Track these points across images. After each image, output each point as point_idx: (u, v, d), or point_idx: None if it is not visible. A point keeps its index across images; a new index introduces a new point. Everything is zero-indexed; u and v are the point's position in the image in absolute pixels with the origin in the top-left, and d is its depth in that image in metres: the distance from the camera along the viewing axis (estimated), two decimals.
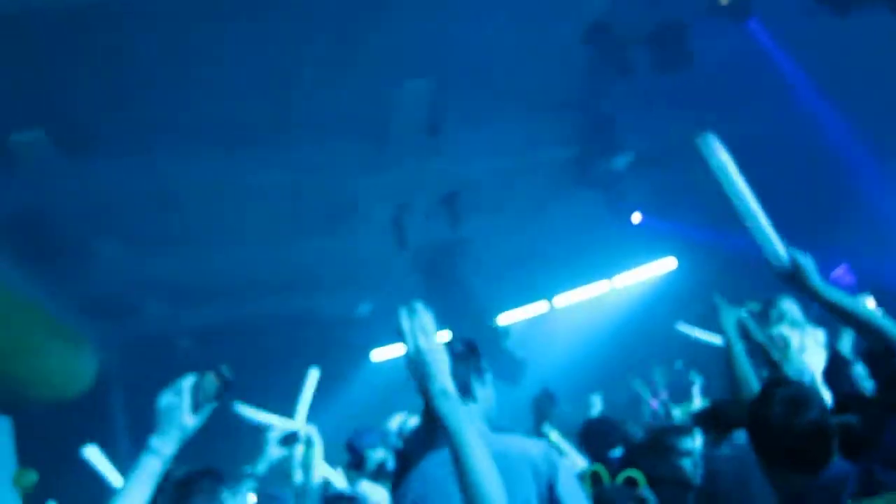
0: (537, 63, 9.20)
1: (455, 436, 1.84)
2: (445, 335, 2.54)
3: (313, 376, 3.76)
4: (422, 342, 1.96)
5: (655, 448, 3.98)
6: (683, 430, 4.11)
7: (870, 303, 4.61)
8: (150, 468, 1.98)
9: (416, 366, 1.96)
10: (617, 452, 4.43)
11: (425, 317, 1.99)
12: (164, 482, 2.60)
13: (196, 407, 2.06)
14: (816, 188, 10.65)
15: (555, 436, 5.35)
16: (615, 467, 3.94)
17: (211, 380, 2.10)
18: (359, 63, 8.30)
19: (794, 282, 2.59)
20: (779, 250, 2.60)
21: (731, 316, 3.39)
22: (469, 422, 1.87)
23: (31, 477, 10.63)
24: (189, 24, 7.12)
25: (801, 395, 2.47)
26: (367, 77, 8.53)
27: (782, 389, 2.50)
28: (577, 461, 4.71)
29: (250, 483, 3.55)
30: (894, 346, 2.54)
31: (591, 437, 4.78)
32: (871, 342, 2.69)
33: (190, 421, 2.04)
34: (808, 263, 2.61)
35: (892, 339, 2.57)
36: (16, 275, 9.23)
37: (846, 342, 4.31)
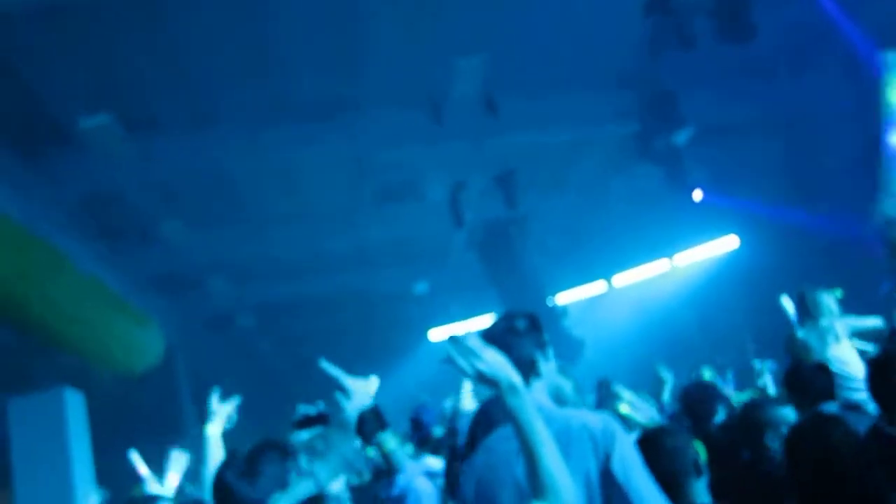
0: (596, 36, 9.05)
1: (525, 428, 1.93)
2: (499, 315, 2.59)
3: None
4: (478, 365, 1.99)
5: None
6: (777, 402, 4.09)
7: None
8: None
9: (482, 382, 2.02)
10: (720, 417, 4.43)
11: (471, 340, 2.01)
12: (231, 457, 2.65)
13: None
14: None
15: (625, 407, 5.28)
16: (715, 434, 4.05)
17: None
18: (418, 39, 8.29)
19: None
20: None
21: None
22: (535, 413, 1.95)
23: None
24: (250, 3, 7.21)
25: None
26: (425, 53, 8.52)
27: None
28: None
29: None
30: None
31: (693, 403, 4.77)
32: None
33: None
34: None
35: None
36: (85, 254, 9.53)
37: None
